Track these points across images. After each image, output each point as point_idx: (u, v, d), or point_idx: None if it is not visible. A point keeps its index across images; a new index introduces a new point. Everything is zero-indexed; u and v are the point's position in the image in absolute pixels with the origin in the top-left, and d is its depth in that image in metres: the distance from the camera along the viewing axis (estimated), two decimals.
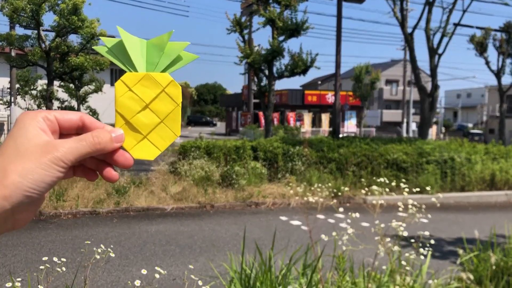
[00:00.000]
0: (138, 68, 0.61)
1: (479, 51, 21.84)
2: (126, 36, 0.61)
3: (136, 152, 0.61)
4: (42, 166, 0.52)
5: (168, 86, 0.61)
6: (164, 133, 0.62)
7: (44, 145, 0.53)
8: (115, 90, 0.62)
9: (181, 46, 0.62)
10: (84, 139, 0.56)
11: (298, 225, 7.85)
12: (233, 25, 14.81)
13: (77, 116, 0.59)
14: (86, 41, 16.13)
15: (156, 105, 0.61)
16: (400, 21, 15.17)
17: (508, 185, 12.15)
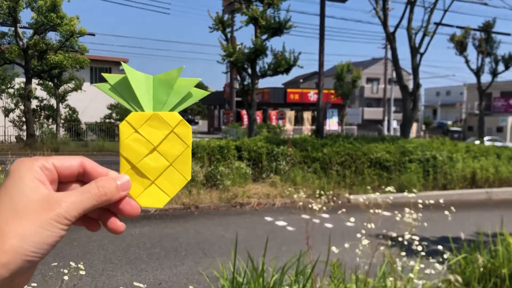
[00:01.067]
0: (144, 107, 0.57)
1: (459, 50, 22.19)
2: (131, 72, 0.56)
3: (143, 199, 0.56)
4: (44, 225, 0.47)
5: (177, 126, 0.57)
6: (173, 178, 0.57)
7: (44, 200, 0.48)
8: (120, 132, 0.57)
9: (192, 82, 0.58)
10: (88, 190, 0.51)
11: (284, 225, 7.82)
12: (216, 23, 14.71)
13: (77, 162, 0.53)
14: (65, 38, 15.88)
15: (165, 147, 0.57)
16: (382, 20, 15.28)
17: (489, 183, 12.35)
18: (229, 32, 15.26)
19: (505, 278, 3.42)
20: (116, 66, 32.02)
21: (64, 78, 19.20)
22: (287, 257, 5.59)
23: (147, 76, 0.57)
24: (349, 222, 7.89)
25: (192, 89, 0.58)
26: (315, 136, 13.81)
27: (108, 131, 25.09)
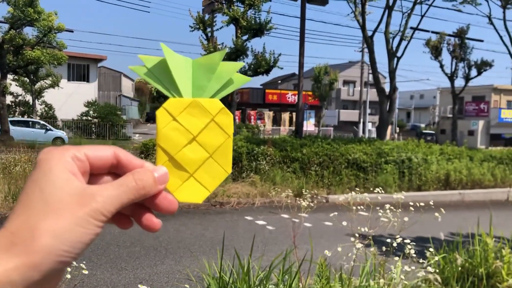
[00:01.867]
0: (183, 93, 0.52)
1: (434, 54, 22.68)
2: (170, 54, 0.52)
3: (181, 194, 0.52)
4: (79, 222, 0.43)
5: (218, 114, 0.53)
6: (213, 170, 0.53)
7: (79, 194, 0.44)
8: (157, 120, 0.52)
9: (235, 67, 0.54)
10: (126, 183, 0.47)
11: (263, 224, 7.89)
12: (197, 22, 14.70)
13: (110, 153, 0.49)
14: (43, 34, 15.57)
15: (205, 137, 0.53)
16: (361, 24, 15.52)
17: (462, 184, 12.69)
18: (210, 32, 15.26)
19: (482, 277, 3.55)
20: (94, 63, 31.58)
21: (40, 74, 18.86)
22: (269, 256, 5.67)
23: (187, 60, 0.54)
24: (327, 222, 8.02)
25: (235, 75, 0.54)
26: (294, 137, 13.94)
27: (85, 129, 24.75)
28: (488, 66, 23.25)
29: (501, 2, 18.50)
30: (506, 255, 3.88)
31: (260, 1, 14.41)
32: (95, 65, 32.05)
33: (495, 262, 3.81)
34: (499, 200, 12.61)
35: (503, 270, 3.74)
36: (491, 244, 4.00)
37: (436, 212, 4.04)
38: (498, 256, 3.96)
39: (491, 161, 13.71)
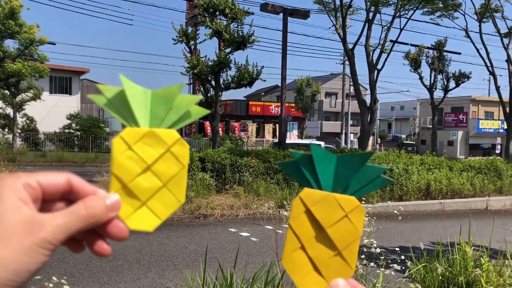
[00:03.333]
0: (140, 123, 0.53)
1: (413, 67, 23.10)
2: (129, 85, 0.53)
3: (132, 221, 0.52)
4: (25, 251, 0.42)
5: (174, 145, 0.53)
6: (166, 199, 0.53)
7: (27, 223, 0.43)
8: (112, 148, 0.53)
9: (193, 100, 0.54)
10: (76, 212, 0.46)
11: (248, 236, 7.91)
12: (180, 35, 14.75)
13: (63, 180, 0.48)
14: (24, 46, 15.50)
15: (159, 166, 0.53)
16: (342, 37, 15.77)
17: (442, 194, 12.90)
18: (193, 45, 15.33)
19: (462, 285, 3.62)
20: (76, 75, 31.33)
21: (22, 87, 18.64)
22: (253, 268, 5.70)
23: (145, 91, 0.54)
24: None
25: (192, 107, 0.55)
26: (277, 148, 14.03)
27: (68, 141, 24.47)
28: (466, 78, 23.78)
29: (477, 16, 19.02)
30: (485, 264, 3.96)
31: (242, 15, 14.55)
32: (78, 78, 31.79)
33: (475, 271, 3.88)
34: (478, 209, 12.84)
35: (482, 278, 3.81)
36: (470, 253, 4.08)
37: (417, 221, 4.12)
38: (478, 264, 4.04)
39: (470, 171, 13.98)
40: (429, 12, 19.84)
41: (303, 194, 0.53)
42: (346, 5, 15.76)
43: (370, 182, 0.53)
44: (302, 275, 0.52)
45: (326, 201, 0.52)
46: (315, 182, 0.53)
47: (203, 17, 14.74)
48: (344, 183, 0.53)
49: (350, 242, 0.52)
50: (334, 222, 0.52)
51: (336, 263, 0.52)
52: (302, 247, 0.52)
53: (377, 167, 0.52)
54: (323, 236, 0.52)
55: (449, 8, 19.28)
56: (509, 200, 13.60)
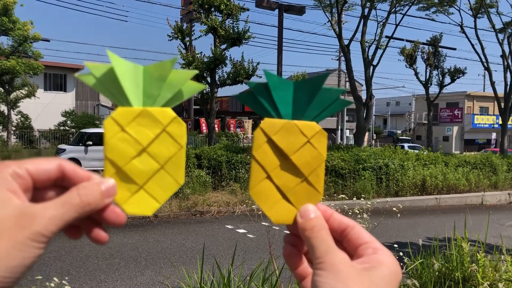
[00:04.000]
0: (133, 102, 0.50)
1: (409, 62, 23.10)
2: (118, 62, 0.49)
3: (130, 206, 0.50)
4: (18, 246, 0.40)
5: (170, 124, 0.51)
6: (164, 182, 0.51)
7: (18, 215, 0.41)
8: (105, 131, 0.50)
9: (187, 75, 0.51)
10: (69, 201, 0.44)
11: (244, 233, 7.91)
12: (175, 32, 14.70)
13: (54, 166, 0.46)
14: (18, 43, 15.40)
15: (155, 147, 0.50)
16: (338, 33, 15.76)
17: (437, 189, 12.94)
18: (188, 41, 15.28)
19: (458, 281, 3.64)
20: (71, 72, 31.17)
21: (16, 84, 18.52)
22: (250, 265, 5.70)
23: (136, 67, 0.50)
24: None
25: (188, 83, 0.51)
26: None
27: (63, 139, 24.37)
28: (461, 73, 23.82)
29: (472, 11, 19.05)
30: (481, 259, 3.97)
31: (238, 11, 14.50)
32: (72, 75, 31.57)
33: (471, 266, 3.90)
34: (474, 204, 12.91)
35: (478, 273, 3.82)
36: (466, 249, 4.09)
37: (413, 216, 4.14)
38: (474, 260, 4.06)
39: (465, 166, 14.04)
40: (424, 8, 19.86)
41: (263, 124, 0.52)
42: (341, 0, 15.74)
43: (330, 105, 0.52)
44: (271, 204, 0.52)
45: (287, 129, 0.52)
46: (274, 111, 0.52)
47: (198, 13, 14.68)
48: (304, 109, 0.52)
49: (315, 167, 0.52)
50: (297, 149, 0.52)
51: (304, 189, 0.52)
52: (268, 177, 0.52)
53: (334, 89, 0.52)
54: (288, 164, 0.52)
55: (444, 4, 19.30)
56: (504, 195, 13.67)
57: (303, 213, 0.50)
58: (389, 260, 0.47)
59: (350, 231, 0.50)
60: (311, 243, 0.48)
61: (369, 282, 0.44)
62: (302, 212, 0.51)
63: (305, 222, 0.49)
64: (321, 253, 0.47)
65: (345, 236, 0.50)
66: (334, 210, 0.52)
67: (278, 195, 0.52)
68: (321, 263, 0.46)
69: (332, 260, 0.46)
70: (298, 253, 0.52)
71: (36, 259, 0.41)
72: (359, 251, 0.49)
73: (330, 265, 0.46)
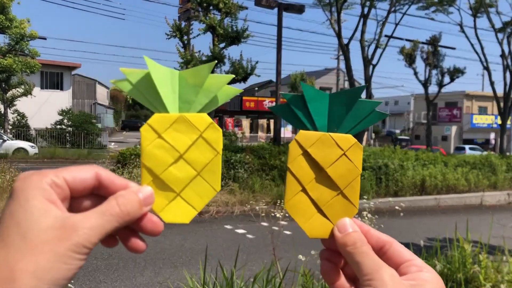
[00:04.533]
0: (169, 108, 0.50)
1: (408, 62, 23.12)
2: (155, 67, 0.49)
3: (167, 214, 0.50)
4: (61, 259, 0.40)
5: (206, 130, 0.50)
6: (201, 189, 0.50)
7: (59, 227, 0.41)
8: (141, 138, 0.50)
9: (224, 80, 0.51)
10: (109, 211, 0.44)
11: (244, 233, 7.86)
12: (173, 30, 14.63)
13: (91, 175, 0.46)
14: (15, 41, 15.30)
15: (192, 154, 0.50)
16: (337, 32, 15.72)
17: (437, 189, 12.91)
18: (186, 40, 15.21)
19: (461, 282, 3.60)
20: (68, 71, 31.11)
21: (12, 82, 18.43)
22: (250, 266, 5.64)
23: (173, 72, 0.50)
24: None
25: (224, 87, 0.51)
26: (272, 144, 13.98)
27: (60, 138, 24.31)
28: (460, 73, 23.84)
29: (472, 11, 19.03)
30: (483, 260, 3.95)
31: (236, 9, 14.44)
32: (69, 73, 31.55)
33: (473, 267, 3.88)
34: (473, 205, 12.88)
35: (481, 275, 3.80)
36: (468, 250, 4.07)
37: (412, 217, 4.10)
38: (476, 261, 4.03)
39: (464, 166, 14.01)
40: (424, 7, 19.83)
41: (299, 136, 0.52)
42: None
43: (365, 118, 0.52)
44: (306, 218, 0.52)
45: (323, 141, 0.52)
46: (309, 123, 0.52)
47: (196, 11, 14.61)
48: (339, 121, 0.52)
49: (351, 180, 0.52)
50: (332, 162, 0.52)
51: (340, 203, 0.52)
52: (303, 190, 0.52)
53: (370, 102, 0.52)
54: (323, 176, 0.52)
55: (443, 3, 19.27)
56: (503, 195, 13.65)
57: (341, 228, 0.50)
58: (434, 278, 0.47)
59: (389, 248, 0.50)
60: (355, 259, 0.47)
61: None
62: (339, 227, 0.50)
63: (344, 237, 0.49)
64: (370, 269, 0.46)
65: (384, 253, 0.50)
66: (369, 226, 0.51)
67: (313, 209, 0.52)
68: (370, 280, 0.45)
69: (382, 277, 0.45)
70: (336, 268, 0.51)
71: (77, 271, 0.41)
72: (402, 268, 0.48)
73: (382, 282, 0.45)
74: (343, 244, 0.49)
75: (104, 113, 44.55)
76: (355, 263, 0.47)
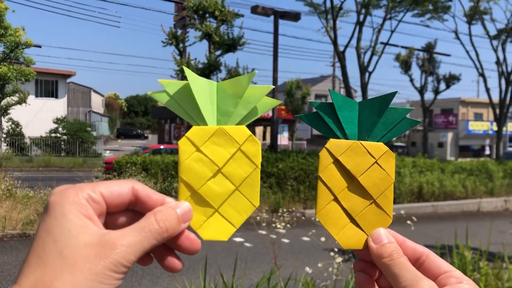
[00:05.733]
0: (208, 121, 0.49)
1: (404, 69, 23.21)
2: (194, 78, 0.48)
3: (205, 231, 0.48)
4: (98, 277, 0.38)
5: (245, 143, 0.49)
6: (239, 204, 0.49)
7: (97, 244, 0.39)
8: (180, 151, 0.48)
9: (264, 91, 0.50)
10: (147, 227, 0.42)
11: (241, 241, 7.79)
12: (169, 38, 14.64)
13: (127, 189, 0.45)
14: (10, 50, 15.22)
15: (231, 168, 0.49)
16: (333, 39, 15.75)
17: (434, 196, 12.89)
18: (182, 47, 15.21)
19: None
20: (63, 78, 31.03)
21: (7, 90, 18.35)
22: (249, 275, 5.57)
23: (211, 83, 0.50)
24: (305, 237, 7.96)
25: (263, 99, 0.50)
26: (269, 151, 13.94)
27: (54, 146, 24.19)
28: (456, 79, 23.95)
29: (466, 18, 19.15)
30: (484, 267, 3.92)
31: (232, 17, 14.47)
32: (64, 81, 31.47)
33: (473, 274, 3.85)
34: (471, 211, 12.86)
35: (481, 282, 3.77)
36: (468, 257, 4.04)
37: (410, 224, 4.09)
38: (476, 268, 4.00)
39: (461, 173, 14.00)
40: (419, 14, 19.94)
41: (329, 144, 0.51)
42: (336, 7, 15.75)
43: (396, 125, 0.51)
44: (339, 227, 0.51)
45: (354, 149, 0.51)
46: (339, 131, 0.51)
47: (192, 19, 14.62)
48: (370, 129, 0.51)
49: (384, 189, 0.51)
50: (364, 170, 0.51)
51: (373, 212, 0.51)
52: (335, 199, 0.51)
53: (401, 109, 0.51)
54: (355, 185, 0.51)
55: (438, 11, 19.39)
56: (500, 201, 13.64)
57: (376, 238, 0.49)
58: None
59: (426, 259, 0.49)
60: (393, 271, 0.46)
61: None
62: (374, 237, 0.49)
63: (380, 248, 0.48)
64: (408, 281, 0.45)
65: (421, 264, 0.49)
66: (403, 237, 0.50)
67: (346, 219, 0.51)
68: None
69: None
70: (370, 280, 0.50)
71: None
72: (441, 280, 0.47)
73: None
74: (378, 255, 0.48)
75: (99, 121, 44.43)
76: (392, 275, 0.46)
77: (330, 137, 0.51)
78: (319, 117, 0.52)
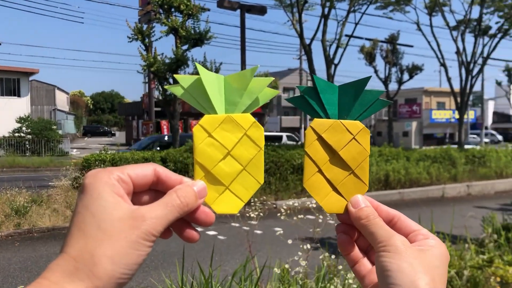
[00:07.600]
0: (217, 110, 0.56)
1: (368, 60, 23.63)
2: (204, 73, 0.55)
3: (218, 206, 0.55)
4: (133, 245, 0.45)
5: (250, 128, 0.56)
6: (247, 182, 0.56)
7: (129, 217, 0.46)
8: (194, 137, 0.56)
9: (265, 82, 0.57)
10: (171, 202, 0.49)
11: (214, 234, 7.86)
12: (135, 33, 14.44)
13: (150, 171, 0.51)
14: None
15: (238, 150, 0.56)
16: (299, 33, 15.90)
17: (400, 184, 13.27)
18: (148, 42, 15.04)
19: None
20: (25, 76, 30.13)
21: None
22: (223, 266, 5.65)
23: (218, 76, 0.56)
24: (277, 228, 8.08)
25: (265, 89, 0.57)
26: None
27: (19, 146, 23.53)
28: (419, 70, 24.57)
29: (427, 10, 19.65)
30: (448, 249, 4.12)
31: (198, 11, 14.39)
32: (27, 79, 30.59)
33: None
34: (435, 197, 13.32)
35: None
36: None
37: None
38: None
39: (426, 160, 14.44)
40: (381, 7, 20.32)
41: (314, 123, 0.58)
42: (301, 0, 15.89)
43: (371, 105, 0.59)
44: (323, 195, 0.58)
45: (335, 127, 0.58)
46: (322, 112, 0.58)
47: (158, 13, 14.47)
48: (348, 109, 0.58)
49: (361, 161, 0.59)
50: (344, 145, 0.58)
51: (352, 181, 0.58)
52: (320, 171, 0.58)
53: (374, 91, 0.58)
54: (336, 159, 0.58)
55: (400, 3, 19.82)
56: (463, 187, 14.17)
57: (354, 203, 0.57)
58: (439, 243, 0.53)
59: (398, 220, 0.57)
60: (370, 230, 0.54)
61: (427, 261, 0.50)
62: (353, 202, 0.57)
63: (358, 212, 0.56)
64: (383, 237, 0.52)
65: (393, 225, 0.56)
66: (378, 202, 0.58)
67: (329, 187, 0.58)
68: (384, 246, 0.52)
69: (395, 243, 0.51)
70: (350, 240, 0.58)
71: (146, 257, 0.47)
72: (410, 237, 0.54)
73: (394, 247, 0.51)
74: (357, 218, 0.56)
75: (64, 119, 43.39)
76: (369, 234, 0.54)
77: (314, 117, 0.59)
78: (305, 99, 0.59)
